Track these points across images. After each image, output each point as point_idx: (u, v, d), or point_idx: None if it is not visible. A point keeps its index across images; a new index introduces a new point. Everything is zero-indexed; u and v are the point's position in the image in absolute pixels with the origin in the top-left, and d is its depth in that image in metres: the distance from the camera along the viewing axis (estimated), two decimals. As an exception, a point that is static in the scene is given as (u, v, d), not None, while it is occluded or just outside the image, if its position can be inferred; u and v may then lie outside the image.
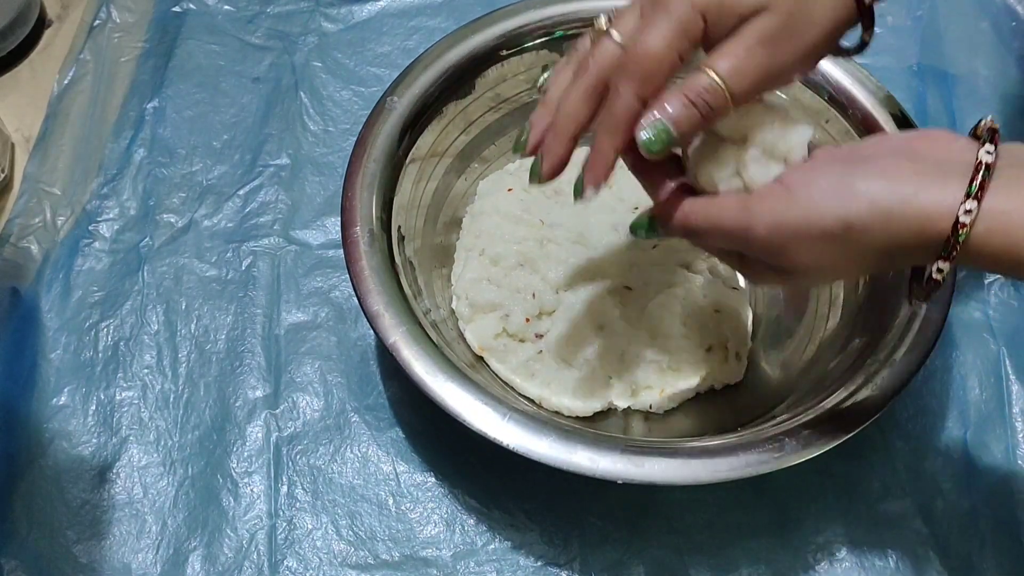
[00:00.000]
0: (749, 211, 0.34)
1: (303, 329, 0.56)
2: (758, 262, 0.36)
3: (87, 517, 0.49)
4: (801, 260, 0.34)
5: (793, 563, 0.48)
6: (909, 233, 0.32)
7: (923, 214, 0.31)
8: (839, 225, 0.32)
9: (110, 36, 0.68)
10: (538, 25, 0.55)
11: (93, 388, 0.53)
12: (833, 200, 0.33)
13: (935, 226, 0.31)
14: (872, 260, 0.34)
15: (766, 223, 0.34)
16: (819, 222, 0.33)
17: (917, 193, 0.32)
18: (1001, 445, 0.51)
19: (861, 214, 0.32)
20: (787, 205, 0.33)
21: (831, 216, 0.32)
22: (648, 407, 0.51)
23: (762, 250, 0.35)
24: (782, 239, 0.34)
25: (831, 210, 0.32)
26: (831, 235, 0.33)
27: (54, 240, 0.59)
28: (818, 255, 0.34)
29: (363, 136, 0.50)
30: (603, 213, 0.53)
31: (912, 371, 0.43)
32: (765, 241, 0.34)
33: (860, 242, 0.33)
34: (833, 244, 0.33)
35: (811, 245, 0.33)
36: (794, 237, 0.33)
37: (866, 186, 0.32)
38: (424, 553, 0.48)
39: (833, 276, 0.36)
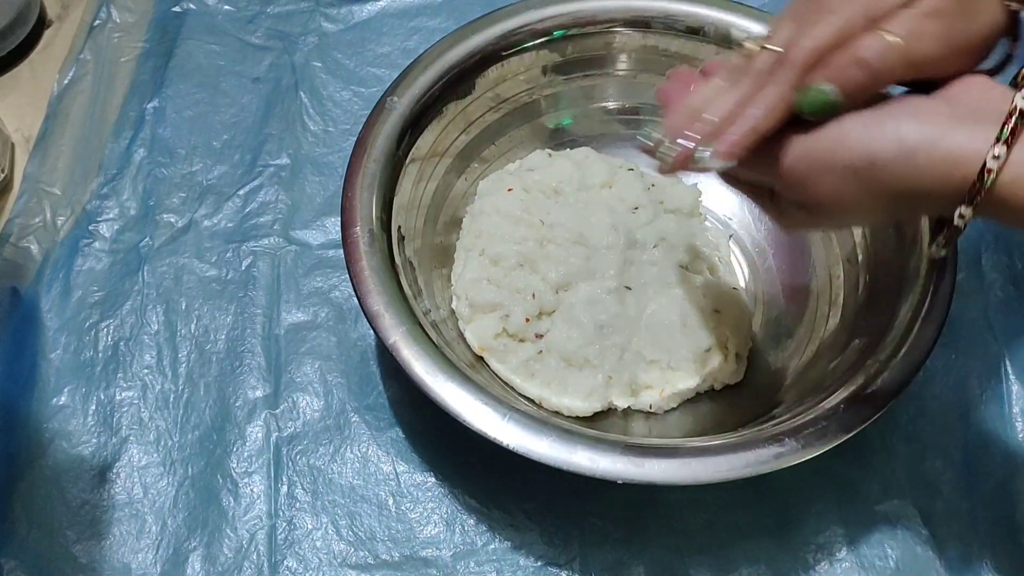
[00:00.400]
0: (780, 139, 0.34)
1: (303, 329, 0.56)
2: (785, 199, 0.36)
3: (87, 517, 0.49)
4: (823, 193, 0.34)
5: (793, 563, 0.48)
6: (933, 175, 0.32)
7: (949, 157, 0.31)
8: (863, 159, 0.32)
9: (110, 36, 0.68)
10: (538, 25, 0.55)
11: (93, 388, 0.53)
12: (861, 134, 0.33)
13: (960, 170, 0.31)
14: (894, 201, 0.33)
15: (794, 151, 0.34)
16: (844, 154, 0.33)
17: (945, 135, 0.31)
18: (1001, 446, 0.51)
19: (886, 150, 0.32)
20: (815, 137, 0.33)
21: (857, 149, 0.32)
22: (648, 407, 0.51)
23: (787, 179, 0.35)
24: (807, 169, 0.34)
25: (857, 144, 0.32)
26: (854, 169, 0.33)
27: (54, 240, 0.59)
28: (840, 189, 0.33)
29: (363, 136, 0.50)
30: (603, 213, 0.53)
31: (912, 372, 0.43)
32: (790, 169, 0.34)
33: (883, 180, 0.32)
34: (856, 179, 0.33)
35: (834, 178, 0.33)
36: (818, 167, 0.33)
37: (895, 124, 0.32)
38: (424, 553, 0.48)
39: (855, 215, 0.36)
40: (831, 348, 0.49)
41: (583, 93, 0.59)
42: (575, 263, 0.51)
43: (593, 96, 0.59)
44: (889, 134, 0.32)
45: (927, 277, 0.45)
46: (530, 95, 0.58)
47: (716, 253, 0.56)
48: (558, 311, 0.51)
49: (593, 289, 0.51)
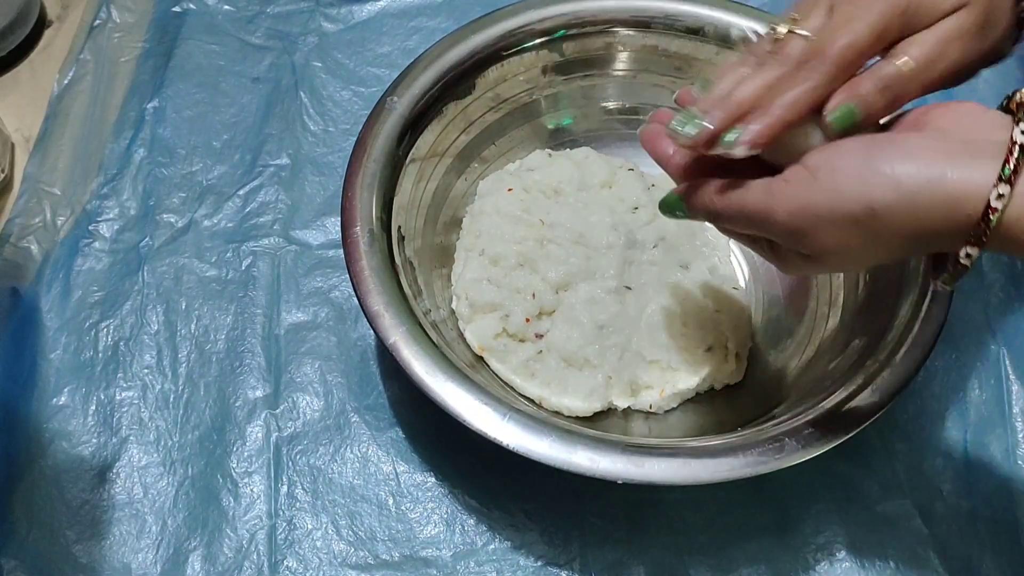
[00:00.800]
0: (771, 195, 0.34)
1: (303, 329, 0.56)
2: (786, 248, 0.36)
3: (87, 517, 0.49)
4: (826, 244, 0.33)
5: (793, 563, 0.48)
6: (936, 217, 0.31)
7: (951, 197, 0.30)
8: (863, 209, 0.32)
9: (110, 36, 0.68)
10: (538, 25, 0.55)
11: (93, 388, 0.53)
12: (857, 183, 0.32)
13: (963, 209, 0.30)
14: (898, 244, 0.33)
15: (788, 208, 0.33)
16: (842, 206, 0.32)
17: (944, 175, 0.31)
18: (1001, 445, 0.51)
19: (886, 198, 0.31)
20: (810, 189, 0.33)
21: (854, 200, 0.32)
22: (648, 407, 0.51)
23: (785, 235, 0.34)
24: (805, 224, 0.33)
25: (855, 194, 0.32)
26: (855, 219, 0.32)
27: (54, 240, 0.59)
28: (843, 239, 0.33)
29: (363, 136, 0.50)
30: (603, 213, 0.53)
31: (912, 372, 0.43)
32: (787, 226, 0.34)
33: (885, 226, 0.32)
34: (857, 228, 0.32)
35: (835, 230, 0.33)
36: (818, 222, 0.33)
37: (891, 168, 0.31)
38: (424, 553, 0.48)
39: (860, 261, 0.35)
40: (831, 348, 0.49)
41: (583, 93, 0.59)
42: (575, 263, 0.51)
43: (593, 96, 0.59)
44: (886, 179, 0.31)
45: (927, 277, 0.45)
46: (530, 95, 0.58)
47: (716, 253, 0.56)
48: (558, 311, 0.51)
49: (593, 289, 0.51)
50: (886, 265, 0.48)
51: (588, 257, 0.52)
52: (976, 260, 0.32)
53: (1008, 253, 0.33)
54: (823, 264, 0.36)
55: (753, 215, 0.35)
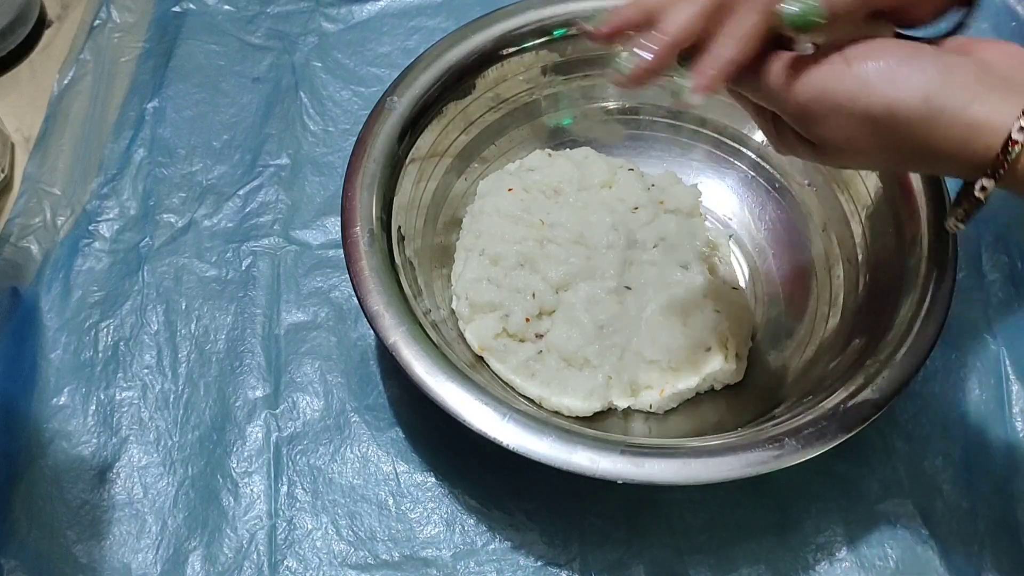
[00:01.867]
0: (796, 72, 0.32)
1: (303, 329, 0.56)
2: (790, 130, 0.35)
3: (87, 517, 0.49)
4: (836, 135, 0.33)
5: (793, 563, 0.48)
6: (954, 139, 0.30)
7: (974, 123, 0.30)
8: (885, 110, 0.31)
9: (110, 36, 0.68)
10: (538, 25, 0.55)
11: (93, 388, 0.53)
12: (887, 83, 0.31)
13: (983, 139, 0.30)
14: (907, 155, 0.32)
15: (813, 88, 0.32)
16: (865, 101, 0.31)
17: (973, 100, 0.30)
18: (1001, 445, 0.51)
19: (910, 106, 0.31)
20: (839, 77, 0.32)
21: (879, 99, 0.31)
22: (648, 407, 0.51)
23: (800, 116, 0.33)
24: (823, 109, 0.32)
25: (881, 93, 0.31)
26: (873, 118, 0.31)
27: (54, 240, 0.59)
28: (855, 134, 0.32)
29: (363, 136, 0.50)
30: (603, 213, 0.53)
31: (912, 371, 0.43)
32: (804, 108, 0.33)
33: (900, 134, 0.31)
34: (873, 127, 0.32)
35: (850, 123, 0.32)
36: (836, 110, 0.32)
37: (924, 79, 0.31)
38: (424, 553, 0.48)
39: (864, 160, 0.35)
40: (831, 348, 0.49)
41: (583, 93, 0.59)
42: (575, 263, 0.51)
43: (593, 96, 0.59)
44: (916, 88, 0.31)
45: (927, 277, 0.45)
46: (530, 95, 0.58)
47: (716, 253, 0.56)
48: (558, 311, 0.51)
49: (593, 289, 0.51)
50: (886, 262, 0.48)
51: (588, 257, 0.52)
52: (990, 195, 0.31)
53: (1019, 193, 0.32)
54: (823, 155, 0.35)
55: (772, 87, 0.33)
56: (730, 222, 0.58)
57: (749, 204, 0.58)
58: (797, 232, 0.55)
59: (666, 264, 0.54)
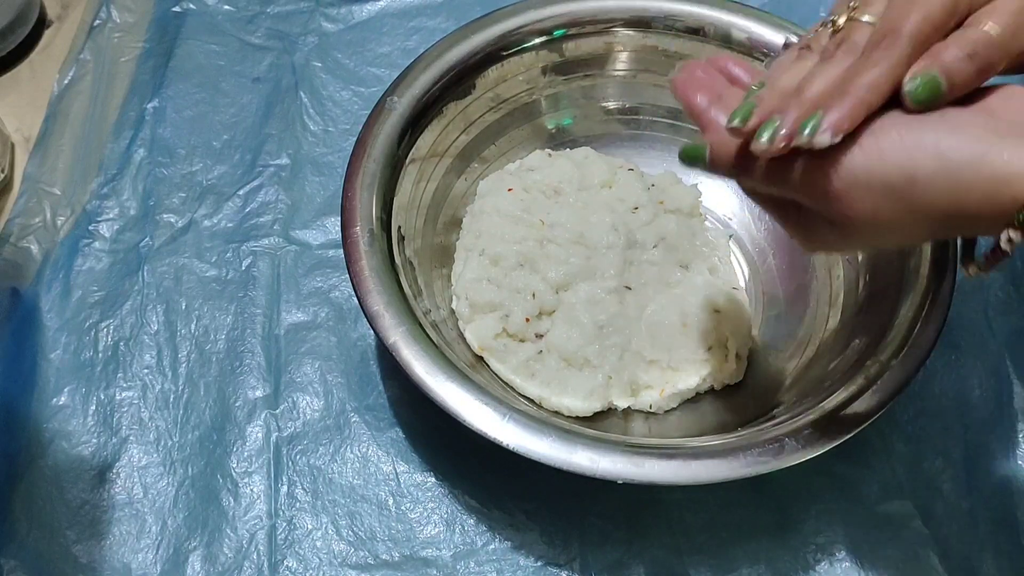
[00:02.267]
0: (817, 157, 0.32)
1: (303, 329, 0.56)
2: (815, 215, 0.34)
3: (87, 517, 0.49)
4: (859, 211, 0.32)
5: (793, 563, 0.48)
6: (977, 195, 0.30)
7: (996, 177, 0.29)
8: (903, 177, 0.31)
9: (110, 36, 0.68)
10: (538, 25, 0.55)
11: (93, 388, 0.53)
12: (899, 150, 0.31)
13: (1010, 190, 0.29)
14: (935, 221, 0.32)
15: (829, 166, 0.32)
16: (882, 170, 0.31)
17: (990, 151, 0.30)
18: (1001, 445, 0.51)
19: (927, 169, 0.30)
20: (850, 151, 0.32)
21: (895, 166, 0.31)
22: (648, 407, 0.51)
23: (819, 195, 0.33)
24: (841, 185, 0.32)
25: (896, 160, 0.31)
26: (892, 188, 0.31)
27: (54, 240, 0.59)
28: (877, 208, 0.32)
29: (363, 136, 0.50)
30: (603, 213, 0.53)
31: (912, 372, 0.43)
32: (823, 185, 0.32)
33: (924, 199, 0.31)
34: (895, 197, 0.31)
35: (872, 196, 0.31)
36: (855, 185, 0.32)
37: (935, 139, 0.30)
38: (424, 553, 0.48)
39: (891, 236, 0.34)
40: (831, 348, 0.49)
41: (583, 93, 0.59)
42: (575, 263, 0.51)
43: (593, 96, 0.59)
44: (930, 149, 0.30)
45: (927, 277, 0.45)
46: (530, 95, 0.58)
47: (716, 253, 0.56)
48: (558, 311, 0.51)
49: (593, 289, 0.51)
50: (886, 262, 0.48)
51: (588, 257, 0.52)
52: (1017, 246, 0.31)
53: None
54: (850, 236, 0.34)
55: (793, 175, 0.33)
56: (730, 222, 0.58)
57: (749, 204, 0.58)
58: (797, 232, 0.55)
59: (666, 264, 0.54)
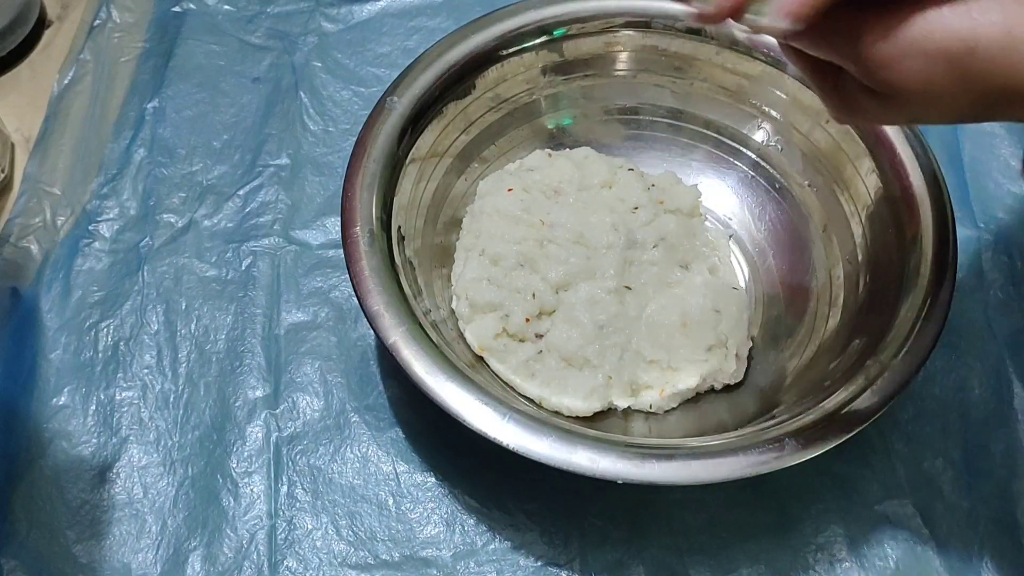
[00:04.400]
0: (866, 15, 0.31)
1: (303, 329, 0.56)
2: (856, 84, 0.33)
3: (87, 517, 0.49)
4: (908, 79, 0.31)
5: (793, 563, 0.48)
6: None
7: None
8: (963, 44, 0.29)
9: (110, 36, 0.68)
10: (538, 25, 0.55)
11: (93, 388, 0.53)
12: (963, 16, 0.29)
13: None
14: (987, 96, 0.31)
15: (880, 29, 0.30)
16: (942, 36, 0.30)
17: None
18: (1001, 446, 0.51)
19: (991, 39, 0.29)
20: (909, 14, 0.30)
21: (957, 32, 0.29)
22: (648, 407, 0.51)
23: (869, 61, 0.31)
24: (895, 51, 0.30)
25: (957, 27, 0.29)
26: (950, 54, 0.30)
27: (54, 240, 0.59)
28: (929, 76, 0.30)
29: (363, 136, 0.50)
30: (603, 213, 0.53)
31: (912, 372, 0.43)
32: (874, 51, 0.31)
33: (980, 70, 0.30)
34: (950, 66, 0.30)
35: (926, 63, 0.30)
36: (909, 49, 0.30)
37: (1002, 11, 0.29)
38: (424, 553, 0.48)
39: (935, 110, 0.32)
40: (831, 348, 0.49)
41: (583, 93, 0.59)
42: (575, 263, 0.51)
43: (593, 96, 0.59)
44: (996, 22, 0.29)
45: (927, 277, 0.45)
46: (530, 95, 0.58)
47: (716, 253, 0.56)
48: (558, 311, 0.51)
49: (593, 289, 0.51)
50: (886, 262, 0.48)
51: (588, 257, 0.52)
52: None
53: None
54: (891, 107, 0.33)
55: (838, 34, 0.31)
56: (730, 222, 0.58)
57: (749, 204, 0.58)
58: (797, 232, 0.55)
59: (666, 264, 0.54)
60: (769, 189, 0.57)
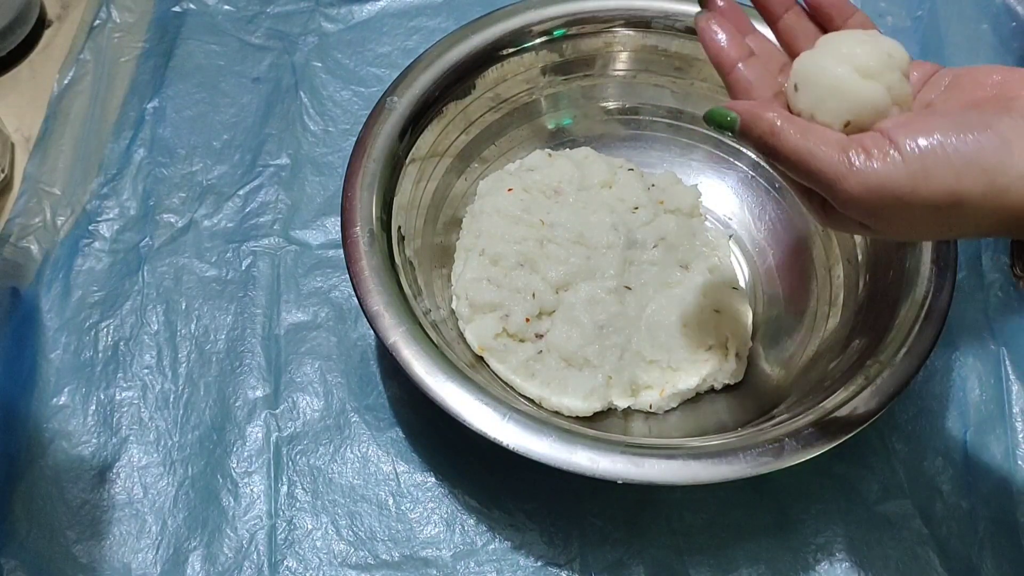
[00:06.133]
0: (848, 162, 0.31)
1: (303, 329, 0.56)
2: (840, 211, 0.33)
3: (87, 517, 0.49)
4: (894, 225, 0.31)
5: (793, 563, 0.48)
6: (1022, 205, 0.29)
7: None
8: (949, 199, 0.30)
9: (110, 36, 0.68)
10: (538, 25, 0.55)
11: (93, 388, 0.53)
12: (947, 172, 0.30)
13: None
14: (973, 230, 0.31)
15: (864, 182, 0.30)
16: (926, 192, 0.30)
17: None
18: (1001, 446, 0.51)
19: (975, 190, 0.29)
20: (893, 169, 0.30)
21: (941, 189, 0.30)
22: (648, 407, 0.51)
23: (851, 206, 0.32)
24: (879, 203, 0.31)
25: (943, 183, 0.30)
26: (936, 207, 0.30)
27: (54, 240, 0.59)
28: (915, 222, 0.31)
29: (363, 136, 0.50)
30: (603, 213, 0.53)
31: (912, 372, 0.43)
32: (857, 199, 0.31)
33: (967, 215, 0.30)
34: (937, 214, 0.30)
35: (910, 212, 0.31)
36: (895, 203, 0.30)
37: (983, 159, 0.29)
38: (424, 553, 0.48)
39: (926, 236, 0.34)
40: (831, 348, 0.49)
41: (583, 93, 0.59)
42: (575, 263, 0.51)
43: (593, 96, 0.59)
44: (979, 173, 0.29)
45: (927, 277, 0.45)
46: (530, 95, 0.58)
47: (716, 253, 0.56)
48: (558, 311, 0.51)
49: (593, 289, 0.51)
50: (886, 262, 0.48)
51: (588, 257, 0.52)
52: None
53: None
54: (877, 234, 0.33)
55: (819, 175, 0.32)
56: (730, 222, 0.58)
57: (749, 204, 0.58)
58: (797, 232, 0.55)
59: (666, 264, 0.54)
60: (769, 189, 0.57)
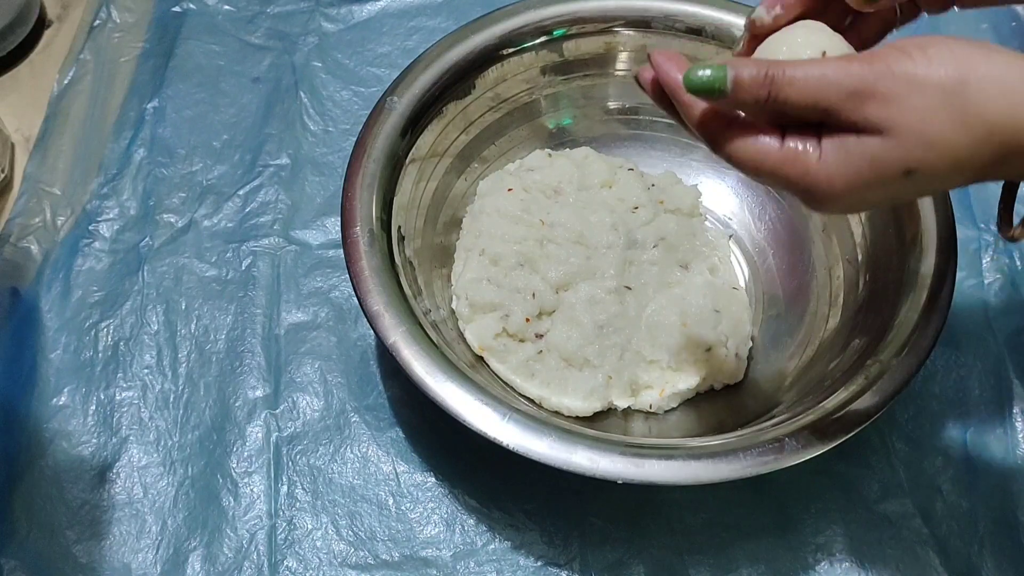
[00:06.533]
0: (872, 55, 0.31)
1: (303, 329, 0.56)
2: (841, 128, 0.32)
3: (87, 517, 0.49)
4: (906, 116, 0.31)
5: (793, 563, 0.48)
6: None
7: None
8: (955, 78, 0.30)
9: (110, 36, 0.68)
10: (538, 25, 0.55)
11: (93, 388, 0.53)
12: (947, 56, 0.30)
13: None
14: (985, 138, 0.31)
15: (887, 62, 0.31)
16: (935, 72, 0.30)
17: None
18: (1001, 445, 0.51)
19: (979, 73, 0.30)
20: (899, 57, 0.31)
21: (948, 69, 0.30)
22: (648, 407, 0.51)
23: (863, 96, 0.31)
24: (896, 85, 0.31)
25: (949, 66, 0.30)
26: (944, 88, 0.30)
27: (54, 240, 0.59)
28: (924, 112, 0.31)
29: (363, 136, 0.50)
30: (603, 213, 0.53)
31: (912, 372, 0.43)
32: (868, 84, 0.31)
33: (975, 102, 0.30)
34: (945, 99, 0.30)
35: (920, 97, 0.30)
36: (906, 86, 0.30)
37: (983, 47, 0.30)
38: (424, 553, 0.48)
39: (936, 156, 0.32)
40: (831, 348, 0.49)
41: (583, 93, 0.59)
42: (575, 263, 0.51)
43: (593, 96, 0.59)
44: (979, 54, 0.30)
45: (927, 277, 0.45)
46: (530, 95, 0.58)
47: (716, 253, 0.56)
48: (558, 311, 0.51)
49: (593, 289, 0.51)
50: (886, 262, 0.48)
51: (588, 257, 0.52)
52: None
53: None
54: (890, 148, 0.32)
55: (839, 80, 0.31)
56: (730, 222, 0.58)
57: (749, 204, 0.58)
58: (797, 232, 0.55)
59: (666, 264, 0.54)
60: (769, 189, 0.57)
